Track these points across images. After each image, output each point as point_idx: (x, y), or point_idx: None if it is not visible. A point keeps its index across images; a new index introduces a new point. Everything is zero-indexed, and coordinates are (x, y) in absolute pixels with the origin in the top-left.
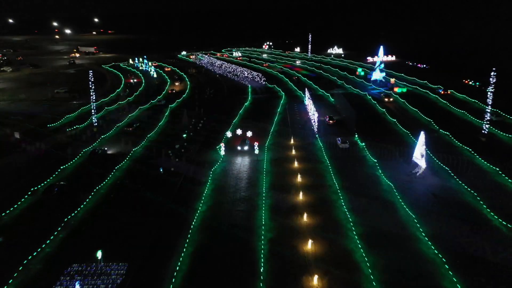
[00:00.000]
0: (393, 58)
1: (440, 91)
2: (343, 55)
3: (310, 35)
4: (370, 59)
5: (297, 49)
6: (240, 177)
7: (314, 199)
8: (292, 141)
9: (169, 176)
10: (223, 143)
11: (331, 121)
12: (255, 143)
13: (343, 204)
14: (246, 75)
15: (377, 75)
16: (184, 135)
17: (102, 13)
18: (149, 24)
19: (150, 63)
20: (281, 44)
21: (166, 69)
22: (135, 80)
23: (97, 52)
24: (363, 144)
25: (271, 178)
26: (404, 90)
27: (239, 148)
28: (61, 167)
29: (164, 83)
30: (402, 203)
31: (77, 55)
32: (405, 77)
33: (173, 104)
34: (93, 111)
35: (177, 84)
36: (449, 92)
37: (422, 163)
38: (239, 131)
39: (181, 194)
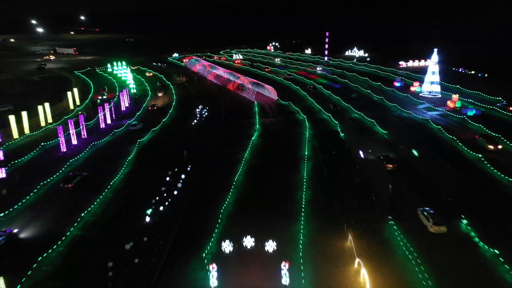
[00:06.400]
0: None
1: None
2: (368, 59)
3: (327, 34)
4: (403, 64)
5: (308, 51)
6: None
7: None
8: (342, 232)
9: None
10: (214, 265)
11: (390, 165)
12: (285, 264)
13: None
14: (250, 86)
15: (428, 87)
16: (149, 212)
17: (94, 11)
18: (139, 22)
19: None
20: (288, 44)
21: (147, 74)
22: (104, 97)
23: (76, 53)
24: (497, 252)
25: None
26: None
27: None
28: None
29: (145, 95)
30: None
31: (52, 57)
32: (464, 91)
33: (144, 138)
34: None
35: (160, 94)
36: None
37: None
38: (247, 241)
39: None
